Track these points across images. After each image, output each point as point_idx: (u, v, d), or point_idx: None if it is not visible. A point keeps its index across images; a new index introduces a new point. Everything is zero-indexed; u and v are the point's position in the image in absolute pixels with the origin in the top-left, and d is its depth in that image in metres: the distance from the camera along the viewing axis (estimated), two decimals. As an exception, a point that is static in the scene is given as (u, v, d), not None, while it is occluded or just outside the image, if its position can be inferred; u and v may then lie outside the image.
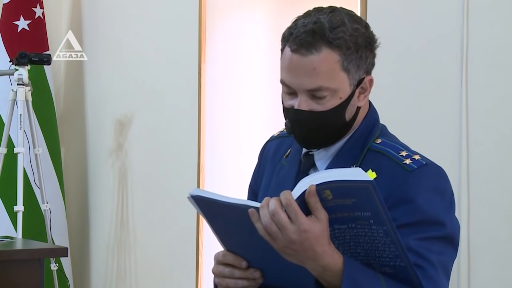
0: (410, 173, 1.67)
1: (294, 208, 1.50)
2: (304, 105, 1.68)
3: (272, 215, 1.51)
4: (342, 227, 1.54)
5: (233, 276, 1.67)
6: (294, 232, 1.50)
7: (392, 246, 1.54)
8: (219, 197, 1.58)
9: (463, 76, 2.96)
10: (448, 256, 1.67)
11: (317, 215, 1.51)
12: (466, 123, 2.95)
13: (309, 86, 1.67)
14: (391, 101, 3.21)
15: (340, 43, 1.66)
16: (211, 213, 1.65)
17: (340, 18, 1.67)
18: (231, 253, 1.67)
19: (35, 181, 4.63)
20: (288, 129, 1.74)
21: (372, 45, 1.74)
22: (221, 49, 4.07)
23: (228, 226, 1.64)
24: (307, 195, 1.50)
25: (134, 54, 4.69)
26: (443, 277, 1.65)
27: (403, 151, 1.71)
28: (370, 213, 1.51)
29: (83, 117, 5.14)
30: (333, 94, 1.68)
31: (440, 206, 1.66)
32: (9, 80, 4.50)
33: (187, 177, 4.20)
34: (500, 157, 2.87)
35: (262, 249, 1.59)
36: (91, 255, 5.06)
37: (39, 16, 4.91)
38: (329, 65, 1.66)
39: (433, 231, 1.63)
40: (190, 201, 1.64)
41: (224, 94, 4.07)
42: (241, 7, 3.95)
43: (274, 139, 1.93)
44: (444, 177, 1.72)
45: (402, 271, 1.56)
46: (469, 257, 2.93)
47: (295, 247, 1.52)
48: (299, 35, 1.66)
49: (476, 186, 2.92)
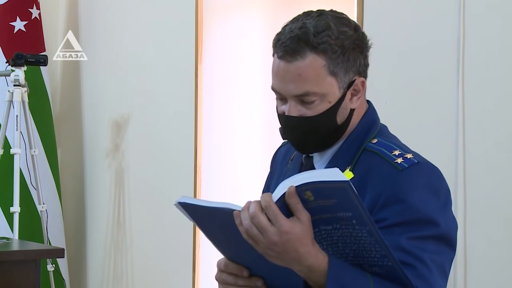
0: (401, 172, 1.65)
1: (273, 210, 1.50)
2: (294, 110, 1.69)
3: (252, 217, 1.51)
4: (328, 228, 1.54)
5: (236, 284, 1.68)
6: (275, 234, 1.50)
7: (377, 246, 1.53)
8: (204, 202, 1.59)
9: (459, 78, 2.96)
10: (444, 255, 1.64)
11: (298, 216, 1.50)
12: (462, 124, 2.96)
13: (296, 92, 1.67)
14: (387, 102, 3.21)
15: (325, 47, 1.66)
16: (202, 220, 1.67)
17: (325, 22, 1.67)
18: (232, 262, 1.68)
19: (31, 182, 4.63)
20: (282, 134, 1.75)
21: (362, 47, 1.72)
22: (218, 51, 4.08)
23: (219, 231, 1.65)
24: (287, 196, 1.50)
25: (131, 56, 4.69)
26: (438, 276, 1.63)
27: (396, 150, 1.70)
28: (352, 213, 1.50)
29: (80, 118, 5.14)
30: (322, 99, 1.68)
31: (433, 204, 1.64)
32: (6, 81, 4.50)
33: (183, 178, 4.20)
34: (496, 158, 2.87)
35: (253, 253, 1.59)
36: (88, 256, 5.05)
37: (35, 17, 4.91)
38: (314, 70, 1.66)
39: (426, 230, 1.61)
40: (179, 209, 1.65)
41: (220, 95, 4.07)
42: (237, 8, 3.95)
43: (284, 145, 1.93)
44: (438, 176, 1.70)
45: (391, 270, 1.56)
46: (466, 257, 2.94)
47: (278, 249, 1.52)
48: (285, 41, 1.67)
49: (473, 187, 2.93)
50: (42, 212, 4.52)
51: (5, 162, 4.45)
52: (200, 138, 4.12)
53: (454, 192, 2.95)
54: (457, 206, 2.94)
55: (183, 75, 4.24)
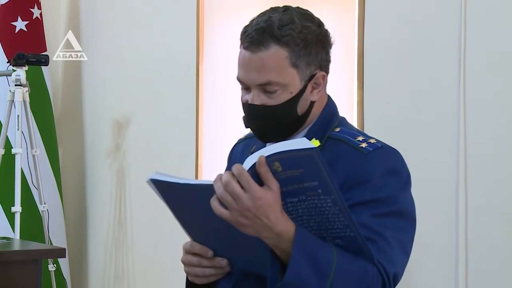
0: (366, 156, 1.73)
1: (246, 177, 1.56)
2: (257, 99, 1.77)
3: (225, 185, 1.56)
4: (294, 200, 1.59)
5: (201, 265, 1.75)
6: (248, 199, 1.56)
7: (341, 216, 1.59)
8: (177, 179, 1.65)
9: (460, 77, 2.96)
10: (404, 231, 1.72)
11: (269, 184, 1.56)
12: (463, 123, 2.96)
13: (259, 81, 1.76)
14: (388, 102, 3.21)
15: (288, 40, 1.74)
16: (172, 198, 1.72)
17: (290, 17, 1.76)
18: (197, 243, 1.75)
19: (33, 182, 4.63)
20: (245, 123, 1.83)
21: (324, 42, 1.80)
22: (219, 50, 4.08)
23: (188, 211, 1.70)
24: (258, 165, 1.55)
25: (132, 55, 4.69)
26: (398, 252, 1.69)
27: (359, 136, 1.78)
28: (318, 183, 1.56)
29: (81, 118, 5.14)
30: (284, 89, 1.76)
31: (394, 185, 1.73)
32: (7, 81, 4.50)
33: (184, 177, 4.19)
34: (498, 158, 2.87)
35: (221, 234, 1.65)
36: (89, 256, 5.05)
37: (36, 17, 4.92)
38: (277, 61, 1.74)
39: (386, 207, 1.70)
40: (150, 185, 1.70)
41: (222, 95, 4.07)
42: (238, 8, 3.95)
43: (241, 141, 2.04)
44: (399, 159, 1.77)
45: (353, 241, 1.62)
46: (467, 257, 2.94)
47: (250, 215, 1.57)
48: (251, 33, 1.77)
49: (474, 186, 2.93)
50: (43, 212, 4.52)
51: (7, 162, 4.45)
52: (201, 138, 4.13)
53: (455, 190, 2.95)
54: (458, 204, 2.94)
55: (184, 75, 4.24)
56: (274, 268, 1.62)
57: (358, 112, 3.26)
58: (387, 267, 1.66)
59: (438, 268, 3.01)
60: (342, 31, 3.35)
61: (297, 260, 1.58)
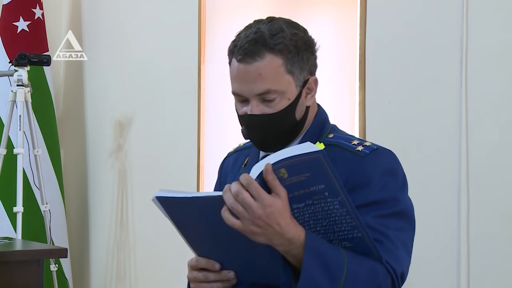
0: (363, 158, 1.76)
1: (255, 186, 1.57)
2: (256, 109, 1.80)
3: (235, 195, 1.57)
4: (300, 206, 1.60)
5: (207, 280, 1.76)
6: (259, 207, 1.57)
7: (348, 217, 1.60)
8: (184, 193, 1.64)
9: (462, 77, 2.96)
10: (406, 232, 1.75)
11: (277, 192, 1.58)
12: (465, 123, 2.96)
13: (258, 91, 1.78)
14: (390, 102, 3.21)
15: (281, 47, 1.77)
16: (178, 215, 1.70)
17: (278, 26, 1.80)
18: (203, 258, 1.76)
19: (34, 182, 4.63)
20: (245, 134, 1.85)
21: (312, 48, 1.84)
22: (221, 50, 4.06)
23: (195, 225, 1.69)
24: (265, 173, 1.56)
25: (134, 55, 4.69)
26: (403, 251, 1.72)
27: (354, 140, 1.81)
28: (324, 185, 1.57)
29: (83, 118, 5.14)
30: (282, 96, 1.79)
31: (393, 185, 1.76)
32: (9, 81, 4.50)
33: (186, 178, 4.20)
34: (500, 158, 2.87)
35: (230, 245, 1.65)
36: (91, 256, 5.06)
37: (38, 17, 4.92)
38: (273, 69, 1.77)
39: (388, 208, 1.72)
40: (155, 203, 1.70)
41: (223, 95, 4.07)
42: (240, 8, 3.95)
43: (232, 154, 2.08)
44: (395, 160, 1.80)
45: (361, 242, 1.64)
46: (469, 257, 2.94)
47: (261, 223, 1.58)
48: (243, 45, 1.81)
49: (476, 186, 2.93)
50: (45, 212, 4.52)
51: (8, 162, 4.45)
52: (203, 138, 4.13)
53: (457, 190, 2.95)
54: (460, 203, 2.94)
55: (186, 75, 4.24)
56: (287, 274, 1.63)
57: (360, 112, 3.27)
58: (395, 266, 1.68)
59: (440, 266, 3.01)
60: (344, 31, 3.36)
61: (310, 265, 1.60)
